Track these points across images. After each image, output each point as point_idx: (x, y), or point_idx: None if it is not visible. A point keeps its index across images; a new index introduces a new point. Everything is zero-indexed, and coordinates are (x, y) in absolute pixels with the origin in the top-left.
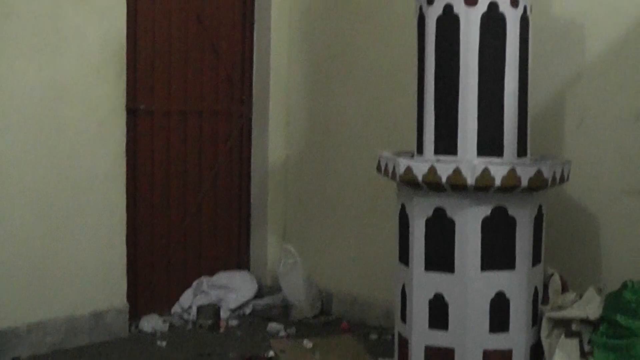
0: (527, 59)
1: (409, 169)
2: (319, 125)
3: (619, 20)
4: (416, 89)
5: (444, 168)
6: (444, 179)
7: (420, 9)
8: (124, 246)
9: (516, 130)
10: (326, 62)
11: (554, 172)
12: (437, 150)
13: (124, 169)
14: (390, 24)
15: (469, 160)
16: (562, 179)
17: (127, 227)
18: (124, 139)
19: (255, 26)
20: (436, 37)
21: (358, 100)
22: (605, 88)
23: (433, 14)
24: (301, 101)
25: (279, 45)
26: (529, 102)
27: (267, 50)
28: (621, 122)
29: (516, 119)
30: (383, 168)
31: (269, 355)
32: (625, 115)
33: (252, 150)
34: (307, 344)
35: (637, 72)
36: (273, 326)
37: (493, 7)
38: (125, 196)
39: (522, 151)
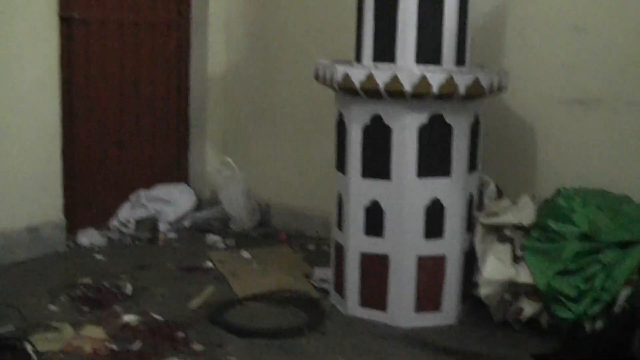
0: None
1: (346, 76)
2: (259, 36)
3: None
4: None
5: (382, 75)
6: (381, 86)
7: None
8: (60, 159)
9: (455, 39)
10: None
11: (492, 81)
12: (376, 58)
13: (58, 80)
14: None
15: (407, 67)
16: (500, 88)
17: (63, 140)
18: (58, 49)
19: None
20: None
21: (298, 10)
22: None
23: None
24: (241, 12)
25: None
26: (469, 11)
27: None
28: (561, 32)
29: (456, 28)
30: (321, 76)
31: (208, 267)
32: (564, 26)
33: (191, 63)
34: (246, 255)
35: None
36: (212, 238)
37: None
38: (59, 108)
39: (460, 60)
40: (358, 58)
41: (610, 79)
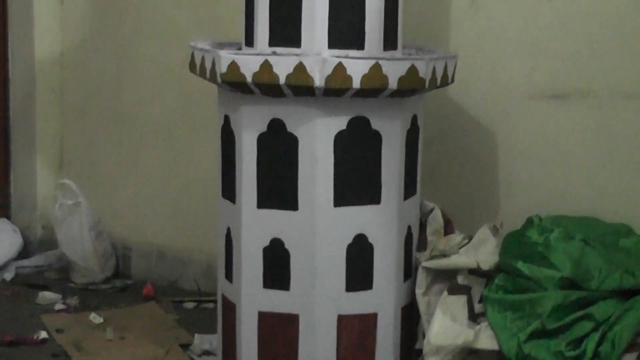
0: None
1: (234, 66)
2: (108, 5)
3: None
4: None
5: (283, 64)
6: (282, 79)
7: None
8: None
9: (382, 14)
10: None
11: (434, 70)
12: (274, 41)
13: None
14: None
15: (317, 53)
16: (446, 79)
17: None
18: None
19: None
20: None
21: None
22: None
23: None
24: None
25: None
26: None
27: None
28: (528, 1)
29: None
30: (198, 65)
31: (41, 337)
32: None
33: (11, 43)
34: (96, 318)
35: None
36: (46, 296)
37: None
38: None
39: (390, 43)
40: (249, 41)
41: (599, 63)
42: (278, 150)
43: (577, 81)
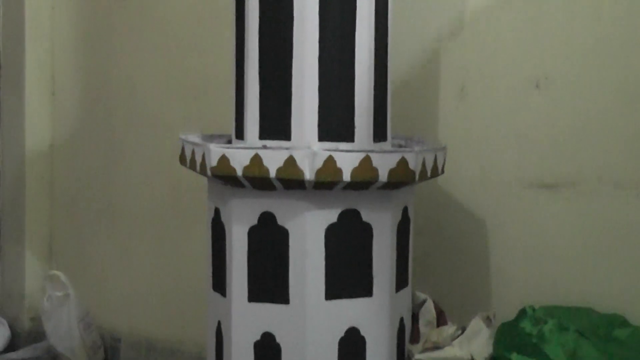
0: (386, 8)
1: (224, 159)
2: (99, 97)
3: None
4: (233, 47)
5: (273, 157)
6: (272, 173)
7: None
8: None
9: (372, 106)
10: (105, 4)
11: (424, 162)
12: (264, 134)
13: None
14: None
15: (306, 146)
16: (435, 171)
17: None
18: None
19: None
20: None
21: (153, 63)
22: (494, 46)
23: None
24: (72, 62)
25: None
26: (389, 66)
27: None
28: (516, 91)
29: (372, 90)
30: (189, 158)
31: None
32: (521, 81)
33: (1, 134)
34: None
35: (536, 23)
36: None
37: None
38: None
39: (380, 134)
40: (239, 134)
41: (589, 152)
42: (269, 243)
43: (567, 171)
